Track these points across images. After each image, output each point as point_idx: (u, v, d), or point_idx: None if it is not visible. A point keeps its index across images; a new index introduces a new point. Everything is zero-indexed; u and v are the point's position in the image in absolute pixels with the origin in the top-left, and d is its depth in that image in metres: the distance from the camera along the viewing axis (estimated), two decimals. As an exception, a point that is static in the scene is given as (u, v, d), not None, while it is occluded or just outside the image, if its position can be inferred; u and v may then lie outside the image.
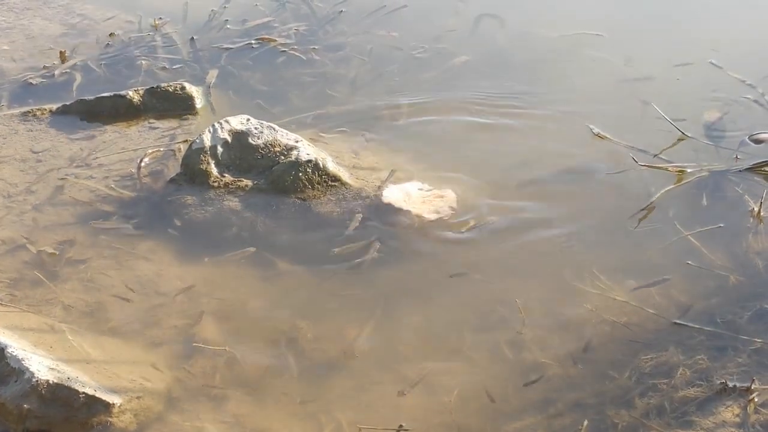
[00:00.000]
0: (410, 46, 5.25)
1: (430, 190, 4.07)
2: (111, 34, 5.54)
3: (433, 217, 3.94)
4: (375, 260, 3.81)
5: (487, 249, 3.85)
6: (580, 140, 4.44)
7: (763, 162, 4.12)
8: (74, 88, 5.06)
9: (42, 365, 3.16)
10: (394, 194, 4.02)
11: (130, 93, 4.84)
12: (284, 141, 4.26)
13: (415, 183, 4.10)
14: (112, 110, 4.81)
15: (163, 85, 4.89)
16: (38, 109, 4.83)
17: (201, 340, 3.48)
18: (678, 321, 3.41)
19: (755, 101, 4.63)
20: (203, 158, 4.19)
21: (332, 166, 4.17)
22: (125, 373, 3.29)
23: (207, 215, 4.05)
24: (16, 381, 3.13)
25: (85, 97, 4.86)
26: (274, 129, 4.31)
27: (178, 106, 4.84)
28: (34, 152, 4.52)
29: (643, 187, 4.09)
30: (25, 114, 4.81)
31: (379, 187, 4.08)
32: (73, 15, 5.79)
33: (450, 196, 4.05)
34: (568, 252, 3.81)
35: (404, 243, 3.89)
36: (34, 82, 5.11)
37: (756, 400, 3.08)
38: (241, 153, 4.24)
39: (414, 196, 4.00)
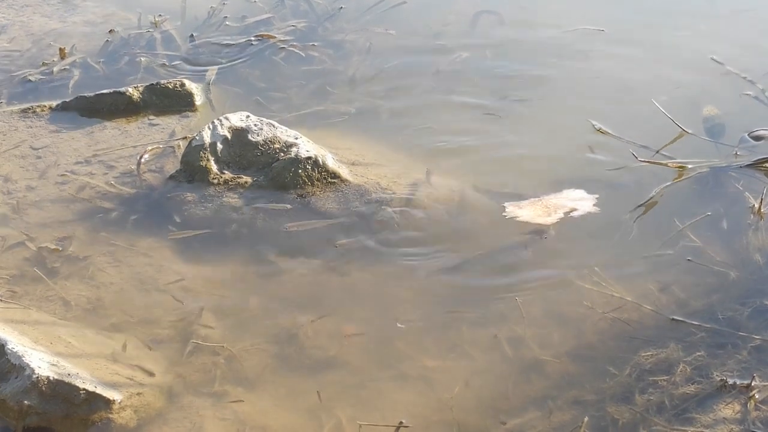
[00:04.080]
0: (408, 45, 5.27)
1: None
2: (110, 31, 5.53)
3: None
4: (375, 257, 3.82)
5: (485, 245, 3.85)
6: (582, 135, 4.43)
7: (763, 159, 4.12)
8: (73, 84, 5.05)
9: (42, 361, 3.16)
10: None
11: (130, 90, 4.84)
12: (284, 138, 4.25)
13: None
14: (111, 107, 4.81)
15: (162, 81, 4.89)
16: (38, 106, 4.83)
17: (201, 336, 3.48)
18: (677, 318, 3.41)
19: (755, 98, 4.63)
20: (203, 155, 4.19)
21: (332, 163, 4.17)
22: (125, 369, 3.29)
23: (207, 212, 4.05)
24: (16, 377, 3.13)
25: (85, 94, 4.86)
26: (273, 126, 4.31)
27: (177, 102, 4.84)
28: (34, 149, 4.52)
29: (644, 183, 4.09)
30: (24, 111, 4.81)
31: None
32: (72, 12, 5.78)
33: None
34: (567, 248, 3.81)
35: (403, 241, 3.90)
36: (33, 78, 5.11)
37: (756, 396, 3.08)
38: (240, 150, 4.24)
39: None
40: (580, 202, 4.01)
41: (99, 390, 3.15)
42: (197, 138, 4.24)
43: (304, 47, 5.28)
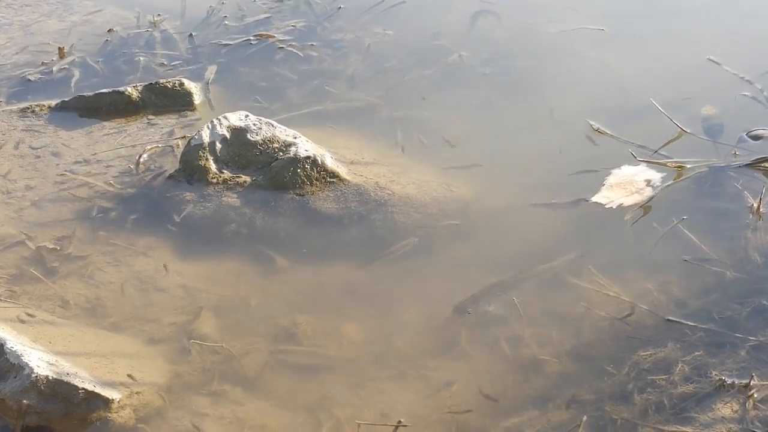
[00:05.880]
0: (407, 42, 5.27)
1: None
2: (110, 31, 5.54)
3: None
4: (374, 256, 3.82)
5: (484, 244, 3.86)
6: (580, 135, 4.44)
7: (762, 158, 4.13)
8: (73, 84, 5.05)
9: (41, 361, 3.16)
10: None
11: (129, 89, 4.84)
12: (283, 137, 4.25)
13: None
14: (110, 106, 4.81)
15: (161, 81, 4.88)
16: (37, 105, 4.83)
17: (200, 336, 3.48)
18: (673, 318, 3.41)
19: (753, 97, 4.63)
20: (202, 154, 4.19)
21: (331, 162, 4.17)
22: (125, 368, 3.29)
23: (206, 211, 4.05)
24: (15, 377, 3.13)
25: (84, 94, 4.86)
26: (272, 125, 4.31)
27: (176, 102, 4.84)
28: (33, 148, 4.52)
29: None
30: (23, 110, 4.81)
31: None
32: (71, 11, 5.79)
33: None
34: (566, 248, 3.81)
35: (402, 240, 3.90)
36: (32, 78, 5.11)
37: (755, 396, 3.08)
38: (239, 149, 4.24)
39: None
40: (645, 173, 4.07)
41: (98, 389, 3.14)
42: (196, 137, 4.24)
43: (303, 47, 5.28)
